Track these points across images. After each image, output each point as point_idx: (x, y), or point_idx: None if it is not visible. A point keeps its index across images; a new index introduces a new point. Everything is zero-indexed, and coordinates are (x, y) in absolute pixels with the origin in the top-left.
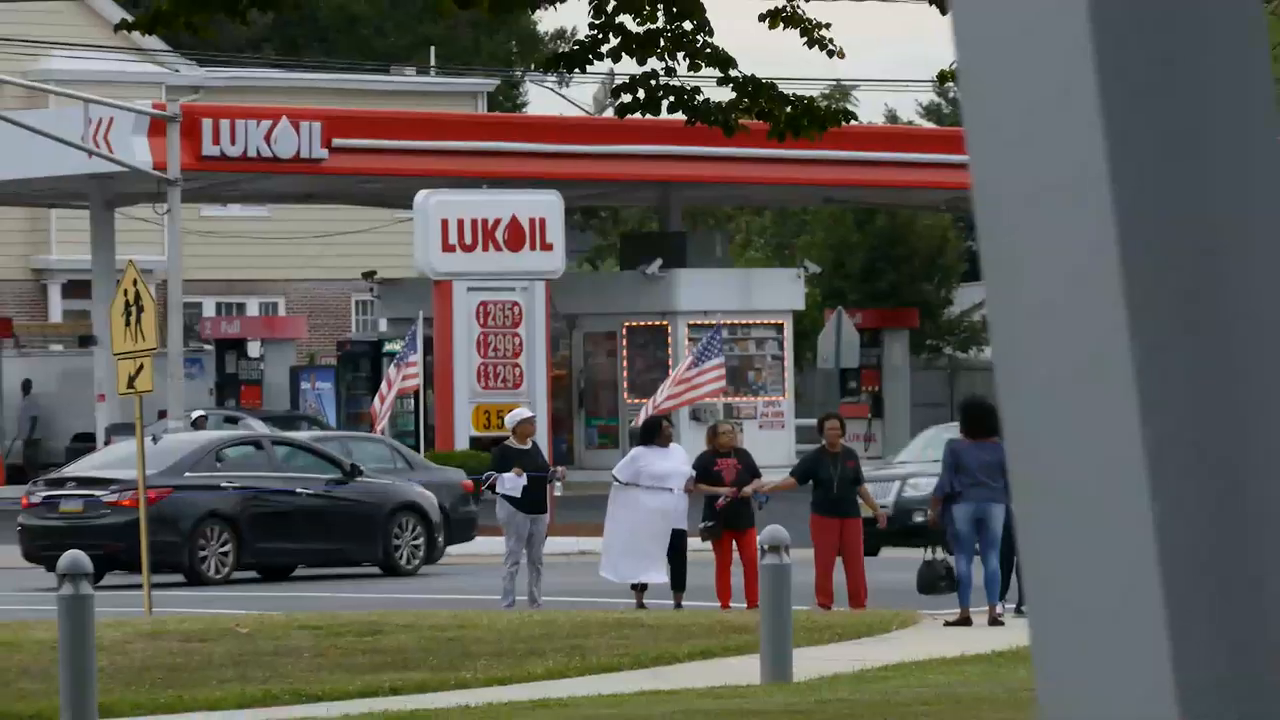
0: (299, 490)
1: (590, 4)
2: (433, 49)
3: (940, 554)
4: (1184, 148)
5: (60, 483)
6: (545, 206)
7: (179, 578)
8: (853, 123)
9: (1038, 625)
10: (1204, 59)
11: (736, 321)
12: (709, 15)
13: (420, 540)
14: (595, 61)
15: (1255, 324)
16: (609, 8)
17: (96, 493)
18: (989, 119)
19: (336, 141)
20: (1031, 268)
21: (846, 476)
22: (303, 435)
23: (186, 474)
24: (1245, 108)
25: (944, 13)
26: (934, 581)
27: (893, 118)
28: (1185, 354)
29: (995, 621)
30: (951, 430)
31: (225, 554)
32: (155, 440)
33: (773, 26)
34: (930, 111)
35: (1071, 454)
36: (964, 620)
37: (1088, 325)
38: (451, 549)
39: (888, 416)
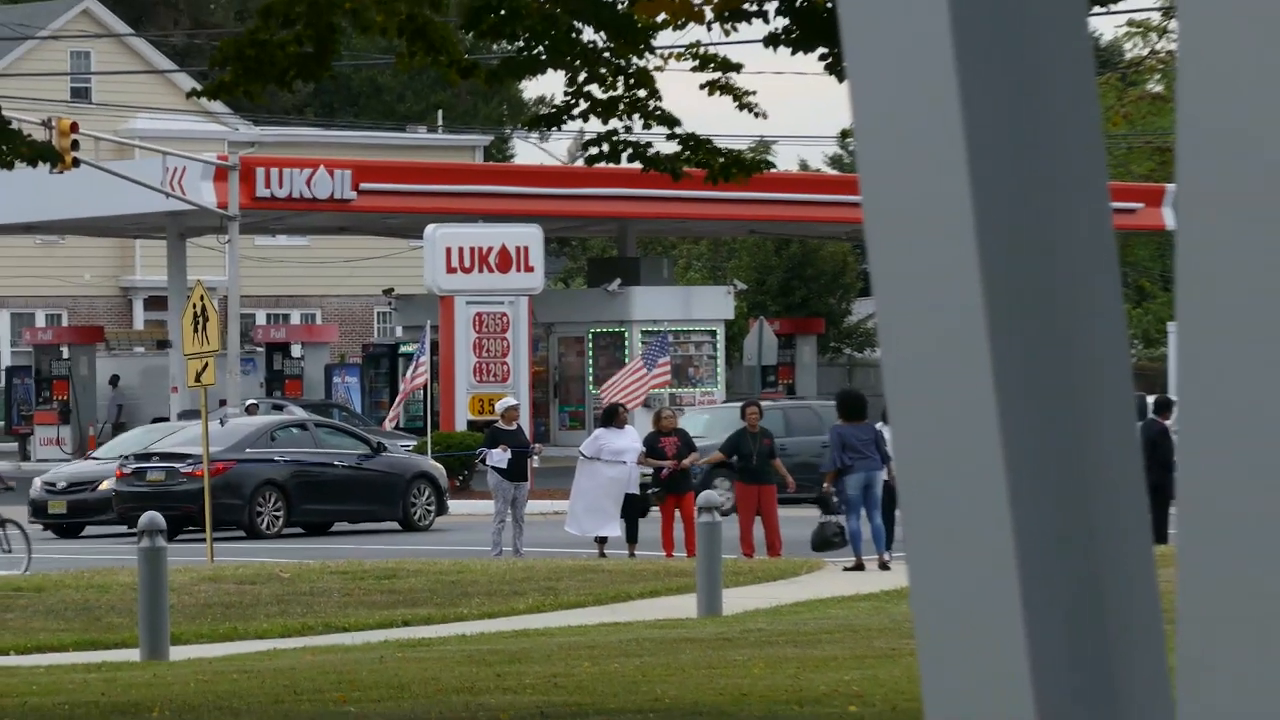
0: (336, 463)
1: (565, 76)
2: (440, 112)
3: (832, 517)
4: (1033, 188)
5: (147, 457)
6: (528, 237)
7: (240, 533)
8: (772, 170)
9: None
10: (1048, 117)
11: (680, 329)
12: (659, 85)
13: (433, 504)
14: (568, 121)
15: (1093, 337)
16: (579, 79)
17: (176, 465)
18: (878, 167)
19: (363, 185)
20: (911, 286)
21: (763, 451)
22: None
23: (247, 450)
24: (1082, 158)
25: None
26: (827, 540)
27: (804, 165)
28: (1034, 362)
29: (884, 567)
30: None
31: (277, 514)
32: (223, 423)
33: (710, 94)
34: (834, 161)
35: (941, 450)
36: (858, 567)
37: (955, 334)
38: (453, 507)
39: None
